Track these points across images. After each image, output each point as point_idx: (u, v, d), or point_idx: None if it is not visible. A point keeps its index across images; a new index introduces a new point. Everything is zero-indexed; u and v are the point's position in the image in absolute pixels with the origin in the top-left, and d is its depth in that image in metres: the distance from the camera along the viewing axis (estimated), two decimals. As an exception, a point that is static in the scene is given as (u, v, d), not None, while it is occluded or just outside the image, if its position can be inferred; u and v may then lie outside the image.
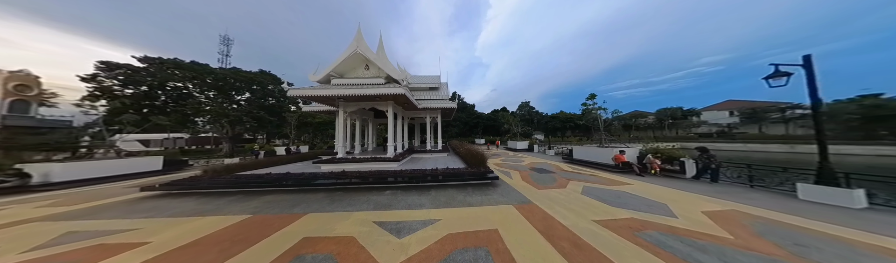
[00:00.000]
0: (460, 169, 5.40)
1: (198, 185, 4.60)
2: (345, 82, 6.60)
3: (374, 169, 5.80)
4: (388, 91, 5.81)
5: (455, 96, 33.99)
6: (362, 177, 4.91)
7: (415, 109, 9.51)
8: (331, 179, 4.79)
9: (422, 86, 10.43)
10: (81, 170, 5.88)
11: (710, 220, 2.75)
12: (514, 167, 7.40)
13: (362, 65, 7.22)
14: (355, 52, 6.56)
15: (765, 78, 3.49)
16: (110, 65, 13.90)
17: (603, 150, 6.99)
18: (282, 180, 4.77)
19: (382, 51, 9.14)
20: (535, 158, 10.01)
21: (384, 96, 6.36)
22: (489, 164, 7.84)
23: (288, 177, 4.92)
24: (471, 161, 5.85)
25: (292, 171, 5.50)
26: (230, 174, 5.38)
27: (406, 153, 8.34)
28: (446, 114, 12.75)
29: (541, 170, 6.61)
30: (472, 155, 6.01)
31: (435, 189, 4.58)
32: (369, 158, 6.69)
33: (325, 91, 5.75)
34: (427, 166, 6.36)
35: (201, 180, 4.83)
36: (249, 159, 10.17)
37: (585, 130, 39.01)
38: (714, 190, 4.22)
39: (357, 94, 5.76)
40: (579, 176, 5.61)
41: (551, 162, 8.62)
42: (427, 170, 5.27)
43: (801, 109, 24.00)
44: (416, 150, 9.50)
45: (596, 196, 3.87)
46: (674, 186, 4.49)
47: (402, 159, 7.13)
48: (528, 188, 4.53)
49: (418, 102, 8.90)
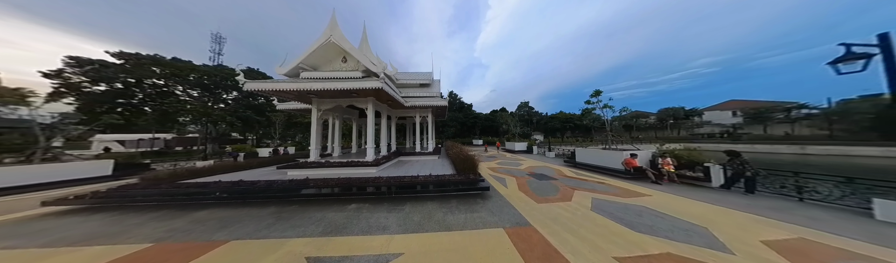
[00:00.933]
0: (446, 176, 4.57)
1: (120, 197, 3.74)
2: (316, 75, 5.77)
3: (347, 175, 4.97)
4: (363, 85, 4.99)
5: (452, 95, 33.31)
6: (328, 187, 4.08)
7: (402, 108, 8.67)
8: (289, 189, 3.95)
9: (411, 83, 9.61)
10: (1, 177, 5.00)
11: (783, 259, 1.93)
12: (511, 172, 6.58)
13: (339, 58, 6.40)
14: (329, 42, 5.74)
15: (830, 62, 2.68)
16: (80, 61, 13.03)
17: (610, 153, 6.18)
18: (227, 191, 3.93)
19: (366, 44, 8.32)
20: (535, 161, 9.20)
21: (361, 91, 5.54)
22: (483, 168, 7.02)
23: (238, 187, 4.07)
24: (460, 166, 5.03)
25: (248, 178, 4.66)
26: (172, 182, 4.52)
27: (391, 156, 7.50)
28: (439, 114, 11.93)
29: (541, 176, 5.79)
30: (461, 159, 5.20)
31: (411, 202, 3.75)
32: (345, 162, 5.85)
33: (287, 85, 4.92)
34: (411, 172, 5.53)
35: (130, 190, 3.97)
36: (227, 161, 9.37)
37: (585, 131, 38.39)
38: (756, 204, 3.41)
39: (325, 89, 4.92)
40: (586, 185, 4.79)
41: (552, 165, 7.80)
42: (406, 178, 4.44)
43: (806, 109, 23.40)
44: (404, 152, 8.65)
45: (610, 213, 3.05)
46: (703, 198, 3.68)
47: (384, 163, 6.29)
48: (525, 201, 3.71)
49: (406, 100, 8.08)
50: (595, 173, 6.13)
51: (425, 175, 4.66)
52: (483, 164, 8.40)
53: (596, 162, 6.52)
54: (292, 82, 5.05)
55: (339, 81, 5.09)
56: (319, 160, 6.23)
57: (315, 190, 3.94)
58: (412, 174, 5.14)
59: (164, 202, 3.74)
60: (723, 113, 31.45)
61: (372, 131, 6.30)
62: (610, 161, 6.02)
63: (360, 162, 5.80)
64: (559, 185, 4.75)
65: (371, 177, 4.47)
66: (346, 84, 5.04)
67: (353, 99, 6.33)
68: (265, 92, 5.12)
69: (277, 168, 5.73)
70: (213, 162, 9.55)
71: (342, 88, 5.03)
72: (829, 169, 10.40)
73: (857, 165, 11.55)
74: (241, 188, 4.05)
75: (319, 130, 6.49)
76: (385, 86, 5.18)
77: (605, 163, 6.17)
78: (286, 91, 5.08)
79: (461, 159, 5.26)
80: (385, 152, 7.50)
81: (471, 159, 5.16)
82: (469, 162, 4.99)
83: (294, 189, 4.01)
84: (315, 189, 3.98)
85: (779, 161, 13.32)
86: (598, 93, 7.28)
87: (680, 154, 5.08)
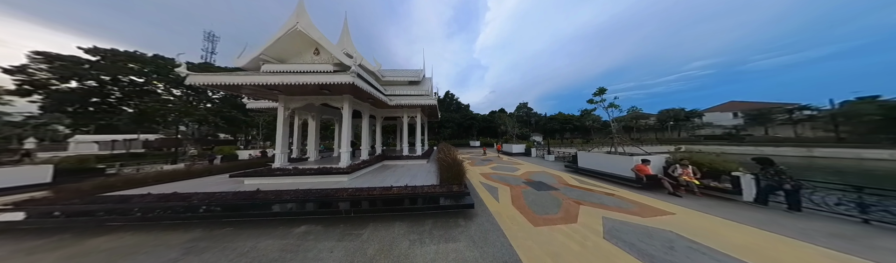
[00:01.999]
0: (425, 187, 3.81)
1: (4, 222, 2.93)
2: (279, 68, 5.01)
3: (313, 185, 4.22)
4: (331, 79, 4.25)
5: (449, 96, 32.51)
6: (280, 201, 3.31)
7: (388, 107, 7.92)
8: (228, 205, 3.17)
9: (399, 81, 8.87)
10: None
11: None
12: (505, 179, 5.82)
13: (310, 49, 5.66)
14: (295, 30, 5.00)
15: None
16: (49, 56, 12.18)
17: (617, 159, 5.45)
18: (149, 208, 3.14)
19: (347, 37, 7.61)
20: (533, 165, 8.43)
21: (333, 88, 4.80)
22: (474, 174, 6.36)
23: (165, 202, 3.28)
24: (444, 175, 4.27)
25: (190, 189, 3.87)
26: (92, 195, 3.72)
27: (373, 160, 6.72)
28: (431, 114, 11.17)
29: (539, 185, 5.03)
30: (446, 166, 4.44)
31: (377, 222, 2.98)
32: (315, 169, 5.07)
33: (239, 78, 4.16)
34: (388, 180, 4.77)
35: (25, 207, 3.17)
36: (200, 165, 8.60)
37: (584, 132, 37.83)
38: (812, 228, 2.68)
39: (285, 83, 4.17)
40: (592, 197, 4.04)
41: (552, 171, 7.05)
42: (377, 190, 3.68)
43: (809, 111, 22.96)
44: (391, 156, 7.87)
45: (631, 244, 2.30)
46: (743, 219, 2.94)
47: (362, 169, 5.51)
48: (518, 222, 2.95)
49: (391, 98, 7.34)
50: (601, 181, 5.39)
51: (400, 186, 3.90)
52: (475, 169, 7.65)
53: (601, 168, 5.78)
54: (246, 75, 4.28)
55: (303, 75, 4.34)
56: (285, 166, 5.44)
57: (262, 206, 3.16)
58: (390, 183, 4.40)
59: (63, 224, 2.94)
60: (723, 114, 31.01)
61: (346, 133, 5.54)
62: (617, 167, 5.29)
63: (331, 170, 5.02)
64: (561, 198, 4.00)
65: (333, 190, 3.70)
66: (310, 78, 4.29)
67: (326, 96, 5.58)
68: (214, 86, 4.35)
69: (231, 176, 4.89)
70: (182, 166, 8.74)
71: (306, 83, 4.27)
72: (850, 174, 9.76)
73: (875, 169, 10.92)
74: (167, 204, 3.26)
75: (287, 132, 5.71)
76: (357, 80, 4.43)
77: (612, 170, 5.43)
78: (239, 85, 4.31)
79: (446, 166, 4.50)
80: (366, 156, 6.72)
81: (457, 166, 4.40)
82: (455, 170, 4.24)
83: (235, 204, 3.22)
84: (263, 205, 3.20)
85: (786, 164, 12.68)
86: (602, 90, 6.58)
87: (701, 160, 4.35)
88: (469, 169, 7.71)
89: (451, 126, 27.57)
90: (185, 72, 4.13)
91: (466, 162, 10.05)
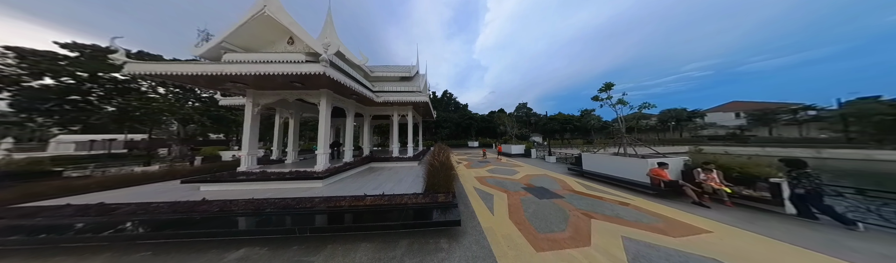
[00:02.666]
0: (406, 197, 3.19)
1: None
2: (243, 58, 4.36)
3: (280, 191, 3.62)
4: (298, 69, 3.63)
5: (447, 95, 31.81)
6: (226, 215, 2.69)
7: (376, 104, 7.30)
8: (159, 221, 2.54)
9: (390, 76, 8.25)
10: None
11: None
12: (503, 184, 5.19)
13: (284, 38, 5.04)
14: (263, 15, 4.39)
15: None
16: (21, 52, 11.51)
17: (628, 161, 4.84)
18: (53, 227, 2.49)
19: (331, 27, 6.96)
20: (533, 168, 7.81)
21: (307, 81, 4.18)
22: (469, 178, 5.66)
23: (83, 215, 2.64)
24: (431, 181, 3.64)
25: (130, 198, 3.23)
26: (3, 206, 3.07)
27: (358, 163, 6.09)
28: (425, 112, 10.55)
29: (541, 192, 4.41)
30: (434, 170, 3.82)
31: (335, 244, 2.36)
32: (286, 173, 4.43)
33: (186, 67, 3.52)
34: (367, 187, 4.14)
35: None
36: (178, 166, 8.02)
37: (585, 132, 37.26)
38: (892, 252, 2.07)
39: (241, 74, 3.55)
40: (605, 207, 3.43)
41: (554, 174, 6.43)
42: (347, 200, 3.05)
43: (814, 111, 22.50)
44: (379, 158, 7.23)
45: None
46: (801, 240, 2.33)
47: (341, 173, 4.88)
48: (516, 244, 2.33)
49: (380, 95, 6.72)
50: (610, 186, 4.77)
51: (375, 195, 3.27)
52: (470, 172, 7.02)
53: (609, 172, 5.17)
54: (197, 64, 3.64)
55: (266, 65, 3.71)
56: (253, 169, 4.80)
57: (199, 222, 2.53)
58: (368, 190, 3.78)
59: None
60: (726, 114, 30.54)
61: (324, 132, 4.91)
62: (628, 170, 4.68)
63: (304, 174, 4.38)
64: (568, 208, 3.38)
65: (294, 200, 3.07)
66: (274, 67, 3.67)
67: (301, 91, 4.96)
68: (159, 76, 3.71)
69: (182, 182, 4.21)
70: (156, 168, 8.11)
71: (269, 73, 3.65)
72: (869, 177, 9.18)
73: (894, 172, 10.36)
74: (81, 220, 2.62)
75: (256, 130, 5.07)
76: (330, 70, 3.81)
77: (622, 174, 4.82)
78: (188, 76, 3.68)
79: (434, 170, 3.88)
80: (349, 158, 6.09)
81: (446, 171, 3.79)
82: (443, 176, 3.62)
83: (169, 220, 2.59)
84: (202, 220, 2.57)
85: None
86: (609, 86, 5.98)
87: (729, 164, 3.74)
88: (464, 172, 7.11)
89: (448, 126, 26.91)
90: (122, 60, 3.49)
91: (462, 163, 9.25)
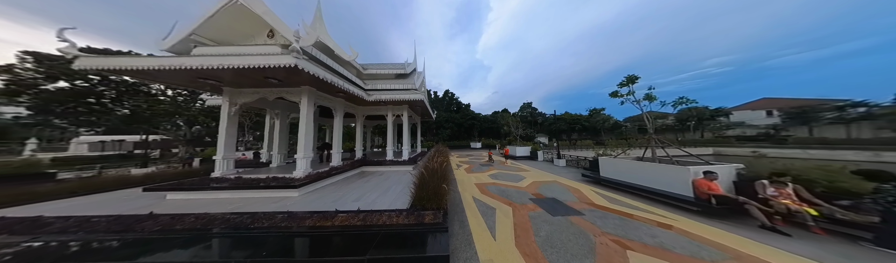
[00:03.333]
0: (385, 214, 2.58)
1: None
2: (213, 52, 3.87)
3: (251, 201, 3.18)
4: (265, 61, 3.11)
5: (448, 94, 31.05)
6: (162, 238, 2.19)
7: (369, 104, 6.78)
8: (62, 251, 2.07)
9: (384, 74, 7.70)
10: None
11: None
12: (506, 193, 4.47)
13: (264, 31, 4.59)
14: (236, 3, 3.95)
15: None
16: (38, 57, 12.01)
17: (663, 169, 3.98)
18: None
19: (320, 22, 6.49)
20: (541, 173, 6.99)
21: (279, 74, 3.69)
22: (468, 185, 4.88)
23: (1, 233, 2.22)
24: (419, 193, 3.00)
25: (79, 210, 2.83)
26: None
27: (348, 167, 5.57)
28: (423, 112, 9.93)
29: (554, 205, 3.66)
30: (423, 181, 3.18)
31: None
32: (262, 179, 3.95)
33: (141, 61, 3.08)
34: (348, 198, 3.58)
35: None
36: (173, 168, 7.97)
37: (594, 132, 35.26)
38: None
39: (203, 67, 3.08)
40: (640, 230, 2.66)
41: (566, 181, 5.61)
42: (314, 218, 2.49)
43: (864, 107, 19.95)
44: (372, 161, 6.68)
45: None
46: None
47: (322, 180, 4.34)
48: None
49: (371, 94, 6.17)
50: (636, 198, 3.95)
51: (349, 212, 2.68)
52: (471, 177, 6.29)
53: (636, 181, 4.32)
54: (154, 58, 3.21)
55: (229, 57, 3.23)
56: (227, 175, 4.36)
57: (135, 244, 2.04)
58: (351, 200, 3.27)
59: None
60: (755, 113, 27.99)
61: (306, 133, 4.40)
62: (662, 180, 3.84)
63: (280, 181, 3.87)
64: (591, 231, 2.64)
65: (250, 216, 2.53)
66: (238, 60, 3.18)
67: (281, 88, 4.48)
68: (114, 71, 3.31)
69: (144, 190, 3.75)
70: (153, 170, 8.02)
71: (232, 66, 3.16)
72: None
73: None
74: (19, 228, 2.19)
75: (233, 131, 4.65)
76: (303, 62, 3.28)
77: (654, 184, 3.98)
78: (145, 71, 3.25)
79: (424, 179, 3.25)
80: (338, 162, 5.58)
81: (438, 180, 3.14)
82: (434, 187, 2.98)
83: (101, 240, 2.12)
84: (135, 241, 2.08)
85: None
86: (632, 79, 5.10)
87: (810, 175, 2.84)
88: (463, 176, 6.34)
89: (450, 126, 26.04)
90: (73, 54, 3.11)
91: (463, 167, 8.47)
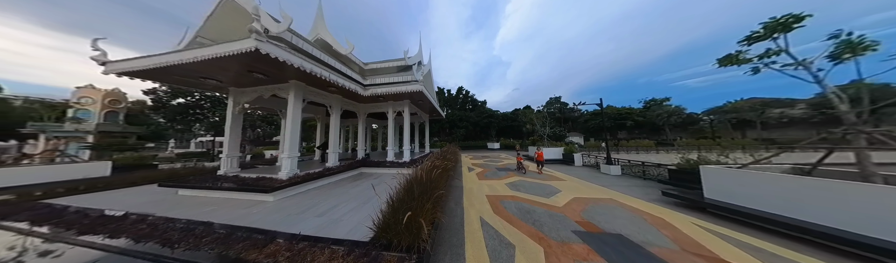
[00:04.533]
0: (328, 252, 1.66)
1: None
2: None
3: (227, 203, 2.94)
4: (227, 48, 2.73)
5: (461, 91, 29.02)
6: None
7: (367, 100, 6.24)
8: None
9: (386, 68, 7.04)
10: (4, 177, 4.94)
11: None
12: (532, 216, 2.95)
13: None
14: (230, 1, 3.89)
15: None
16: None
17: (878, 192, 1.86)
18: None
19: (321, 22, 6.37)
20: (584, 184, 4.92)
21: (262, 67, 3.37)
22: (479, 198, 3.44)
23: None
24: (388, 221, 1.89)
25: (110, 203, 3.00)
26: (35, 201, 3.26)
27: (344, 168, 5.06)
28: (429, 109, 8.84)
29: (624, 253, 2.04)
30: (401, 200, 2.13)
31: None
32: (247, 180, 3.71)
33: (142, 61, 2.99)
34: (319, 208, 2.91)
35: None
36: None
37: (652, 130, 26.88)
38: None
39: (178, 62, 2.90)
40: None
41: (631, 201, 3.61)
42: (244, 244, 1.80)
43: None
44: (371, 163, 6.09)
45: None
46: None
47: (305, 183, 3.81)
48: None
49: (368, 88, 5.60)
50: (811, 248, 1.97)
51: (288, 237, 1.88)
52: (483, 185, 4.80)
53: (802, 215, 2.24)
54: (148, 57, 3.22)
55: (198, 49, 3.00)
56: (229, 173, 4.33)
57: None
58: (331, 206, 2.77)
59: None
60: None
61: (290, 130, 4.02)
62: (887, 217, 1.75)
63: (261, 182, 3.52)
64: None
65: (187, 231, 2.01)
66: (203, 51, 2.91)
67: (274, 86, 4.27)
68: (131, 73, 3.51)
69: (159, 185, 3.88)
70: (218, 164, 9.53)
71: (205, 57, 2.91)
72: None
73: None
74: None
75: (238, 130, 4.67)
76: (268, 46, 2.78)
77: (859, 225, 1.90)
78: (146, 71, 3.31)
79: (403, 198, 2.23)
80: (334, 162, 5.14)
81: (425, 202, 2.08)
82: (416, 213, 1.89)
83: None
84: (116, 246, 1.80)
85: None
86: (786, 24, 2.83)
87: None
88: (473, 184, 4.81)
89: (464, 126, 23.34)
90: (102, 60, 3.40)
91: (475, 171, 6.83)
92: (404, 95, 5.82)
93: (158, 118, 17.42)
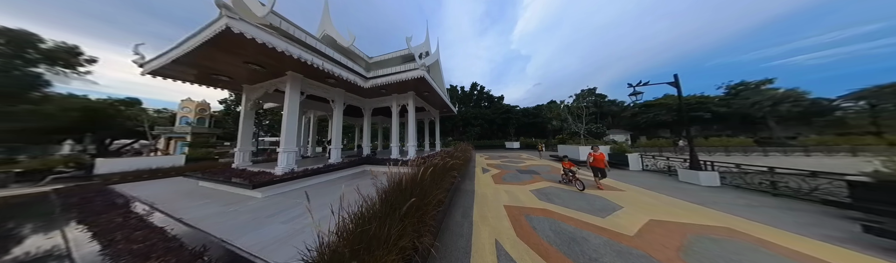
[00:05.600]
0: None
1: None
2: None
3: (221, 195, 2.73)
4: (207, 33, 2.57)
5: (475, 87, 26.48)
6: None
7: (372, 95, 5.88)
8: None
9: (390, 59, 6.51)
10: (113, 165, 6.51)
11: None
12: (583, 249, 1.82)
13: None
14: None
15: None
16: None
17: None
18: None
19: (327, 17, 6.31)
20: (659, 198, 3.41)
21: (255, 58, 3.23)
22: (492, 211, 2.37)
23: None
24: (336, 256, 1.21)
25: (152, 191, 3.31)
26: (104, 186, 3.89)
27: (346, 165, 4.73)
28: (439, 104, 8.00)
29: None
30: (345, 234, 1.26)
31: None
32: (254, 173, 3.66)
33: (161, 60, 3.29)
34: (298, 210, 2.48)
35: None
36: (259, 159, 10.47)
37: (740, 124, 18.32)
38: None
39: (179, 55, 2.94)
40: None
41: (779, 238, 1.96)
42: (184, 257, 1.37)
43: None
44: (375, 160, 5.65)
45: None
46: None
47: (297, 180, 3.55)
48: None
49: (369, 81, 5.17)
50: None
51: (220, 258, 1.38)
52: (500, 189, 3.72)
53: None
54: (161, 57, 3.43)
55: (191, 41, 2.95)
56: (241, 166, 4.45)
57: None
58: (276, 223, 2.24)
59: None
60: None
61: (286, 123, 3.84)
62: None
63: (254, 177, 3.37)
64: None
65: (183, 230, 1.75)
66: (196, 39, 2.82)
67: (276, 80, 4.22)
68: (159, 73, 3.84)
69: (183, 176, 4.26)
70: (262, 159, 10.93)
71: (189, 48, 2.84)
72: None
73: None
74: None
75: (250, 126, 4.82)
76: (236, 22, 2.51)
77: None
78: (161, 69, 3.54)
79: (380, 211, 1.55)
80: (337, 158, 4.88)
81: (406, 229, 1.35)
82: (376, 240, 1.17)
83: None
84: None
85: None
86: None
87: None
88: (487, 189, 3.72)
89: (479, 123, 20.71)
90: (141, 63, 3.80)
91: (491, 172, 5.68)
92: (407, 85, 5.26)
93: (230, 122, 21.74)
